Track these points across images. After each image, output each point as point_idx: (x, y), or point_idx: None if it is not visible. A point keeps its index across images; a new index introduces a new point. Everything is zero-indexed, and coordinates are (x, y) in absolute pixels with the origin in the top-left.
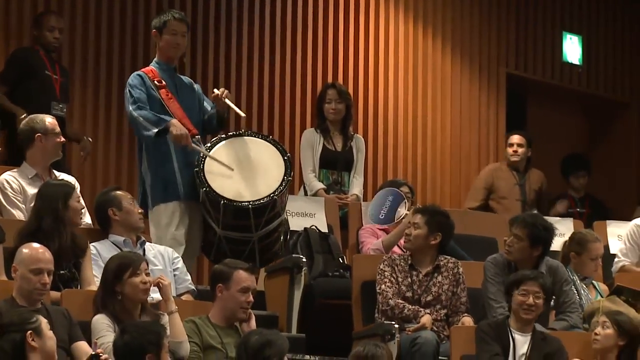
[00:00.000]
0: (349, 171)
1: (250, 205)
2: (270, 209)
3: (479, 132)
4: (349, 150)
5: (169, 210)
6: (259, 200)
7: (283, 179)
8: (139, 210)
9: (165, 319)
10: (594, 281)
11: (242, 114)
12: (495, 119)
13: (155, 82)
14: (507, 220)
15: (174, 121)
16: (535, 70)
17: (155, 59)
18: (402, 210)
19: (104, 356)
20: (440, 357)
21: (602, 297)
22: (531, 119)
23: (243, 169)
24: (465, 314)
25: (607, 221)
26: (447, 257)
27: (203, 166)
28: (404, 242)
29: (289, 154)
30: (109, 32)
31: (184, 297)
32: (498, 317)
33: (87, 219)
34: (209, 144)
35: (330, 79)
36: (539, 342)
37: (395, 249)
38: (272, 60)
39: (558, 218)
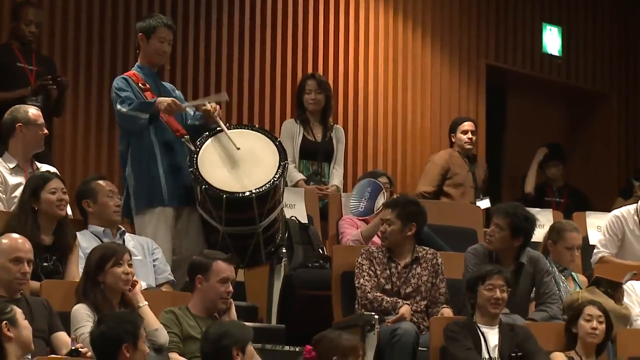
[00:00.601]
0: (329, 162)
1: (253, 195)
2: (272, 195)
3: None
4: (329, 141)
5: (153, 216)
6: (261, 188)
7: (279, 164)
8: (118, 203)
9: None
10: (573, 272)
11: (226, 129)
12: (475, 110)
13: (140, 85)
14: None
15: (158, 99)
16: (515, 61)
17: (137, 63)
18: (381, 201)
19: (84, 350)
20: (420, 348)
21: (581, 288)
22: (511, 110)
23: (237, 161)
24: (445, 305)
25: (587, 212)
26: (425, 248)
27: (197, 164)
28: (381, 240)
29: (279, 140)
30: (88, 23)
31: (163, 288)
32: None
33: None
34: (197, 145)
35: (310, 70)
36: (507, 332)
37: (375, 239)
38: (252, 51)
39: (538, 209)
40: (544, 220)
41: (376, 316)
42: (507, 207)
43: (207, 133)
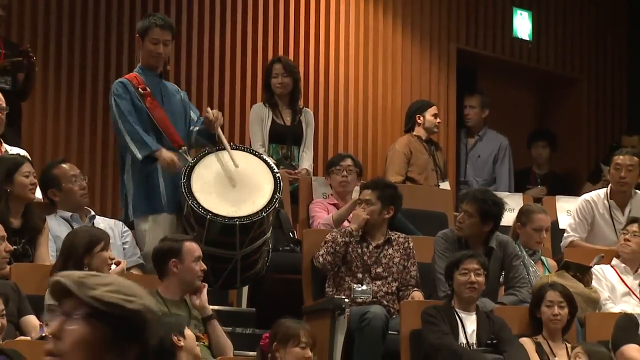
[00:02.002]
0: (299, 145)
1: (237, 222)
2: (257, 226)
3: None
4: (298, 125)
5: (154, 223)
6: (247, 217)
7: (273, 197)
8: (84, 186)
9: None
10: (542, 257)
11: (228, 147)
12: (445, 94)
13: (140, 89)
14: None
15: (162, 152)
16: (486, 45)
17: (139, 64)
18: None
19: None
20: (390, 332)
21: (550, 272)
22: None
23: (231, 184)
24: (416, 289)
25: (557, 196)
26: (397, 232)
27: (189, 179)
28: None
29: (279, 173)
30: (58, 7)
31: (133, 271)
32: (447, 291)
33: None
34: (195, 159)
35: (280, 53)
36: (484, 319)
37: (346, 223)
38: (222, 34)
39: (508, 193)
40: (513, 204)
41: (346, 300)
42: (475, 193)
43: (207, 149)
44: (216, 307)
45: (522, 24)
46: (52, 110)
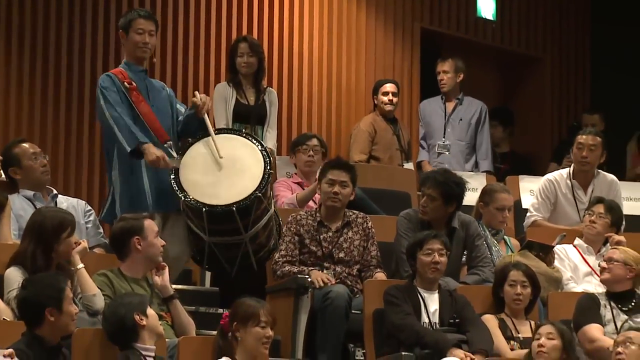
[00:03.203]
0: (262, 125)
1: (234, 208)
2: (256, 207)
3: None
4: (262, 104)
5: None
6: (242, 200)
7: (264, 175)
8: (44, 163)
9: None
10: (505, 236)
11: (213, 133)
12: (409, 74)
13: (125, 83)
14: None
15: (148, 146)
16: (450, 25)
17: (124, 59)
18: None
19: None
20: (353, 311)
21: (513, 252)
22: None
23: (221, 169)
24: (378, 269)
25: (520, 176)
26: (355, 212)
27: (178, 174)
28: (332, 202)
29: (265, 146)
30: None
31: (96, 250)
32: (409, 271)
33: None
34: (180, 152)
35: (245, 33)
36: (447, 298)
37: (311, 203)
38: (186, 13)
39: (472, 173)
40: (476, 184)
41: (309, 279)
42: (436, 176)
43: (190, 139)
44: (179, 287)
45: (486, 4)
46: (15, 91)
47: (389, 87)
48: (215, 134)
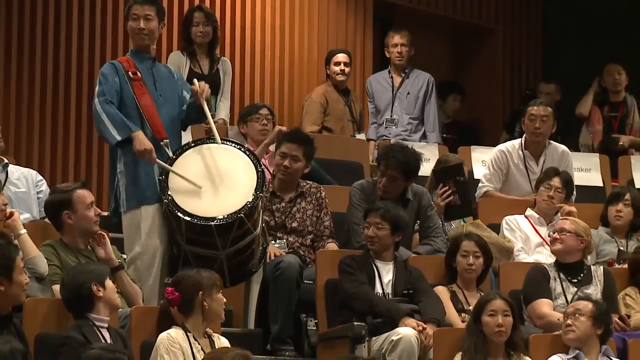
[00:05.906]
0: (216, 95)
1: (213, 224)
2: (237, 226)
3: None
4: (216, 73)
5: (146, 214)
6: (224, 218)
7: (254, 195)
8: None
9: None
10: None
11: (211, 121)
12: (362, 44)
13: (130, 73)
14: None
15: (138, 134)
16: None
17: (131, 48)
18: None
19: None
20: (305, 281)
21: (465, 222)
22: None
23: (211, 181)
24: (331, 240)
25: (472, 147)
26: (308, 182)
27: (167, 175)
28: (282, 175)
29: (262, 167)
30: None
31: (47, 220)
32: (362, 242)
33: None
34: (177, 152)
35: (197, 2)
36: (402, 269)
37: (267, 175)
38: None
39: (423, 143)
40: (429, 155)
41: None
42: (396, 156)
43: (188, 143)
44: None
45: None
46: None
47: (341, 57)
48: (221, 142)
